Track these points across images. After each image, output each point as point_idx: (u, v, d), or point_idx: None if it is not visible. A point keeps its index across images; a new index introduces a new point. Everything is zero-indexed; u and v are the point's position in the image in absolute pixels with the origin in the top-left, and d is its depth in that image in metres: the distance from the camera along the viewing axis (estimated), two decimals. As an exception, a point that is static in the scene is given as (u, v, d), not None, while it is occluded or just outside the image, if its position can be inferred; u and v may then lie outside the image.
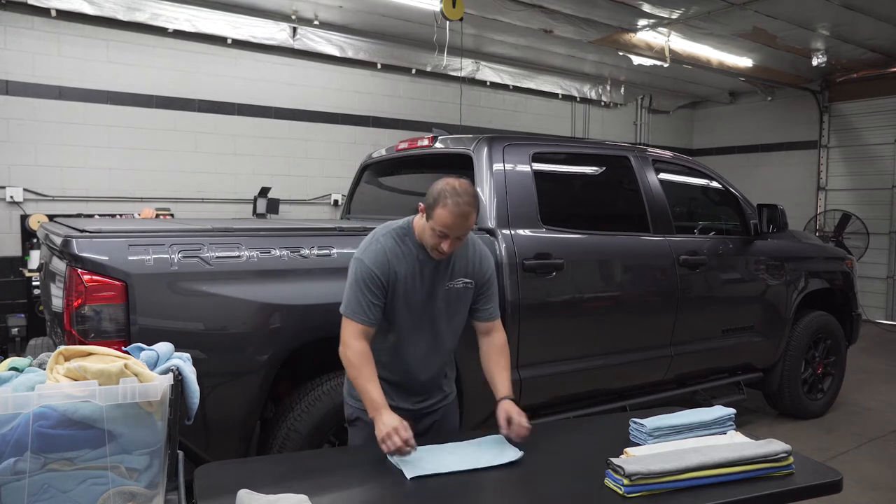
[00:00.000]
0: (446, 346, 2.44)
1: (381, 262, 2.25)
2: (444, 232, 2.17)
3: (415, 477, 1.95)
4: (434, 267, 2.31)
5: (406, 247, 2.30)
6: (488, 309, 2.45)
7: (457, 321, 2.43)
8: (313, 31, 7.26)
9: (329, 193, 7.79)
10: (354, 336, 2.24)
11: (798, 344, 4.79)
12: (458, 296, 2.38)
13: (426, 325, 2.36)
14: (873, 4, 6.62)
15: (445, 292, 2.34)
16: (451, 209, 2.15)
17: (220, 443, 2.70)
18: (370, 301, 2.23)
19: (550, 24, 7.09)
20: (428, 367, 2.41)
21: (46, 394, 1.27)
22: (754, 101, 10.83)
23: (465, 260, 2.38)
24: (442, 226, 2.16)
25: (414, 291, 2.30)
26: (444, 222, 2.16)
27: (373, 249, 2.28)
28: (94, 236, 2.51)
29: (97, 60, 6.35)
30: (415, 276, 2.29)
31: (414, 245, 2.31)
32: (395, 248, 2.28)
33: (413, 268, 2.29)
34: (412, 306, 2.31)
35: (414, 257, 2.29)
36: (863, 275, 8.41)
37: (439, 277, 2.33)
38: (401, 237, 2.31)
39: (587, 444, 2.28)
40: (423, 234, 2.26)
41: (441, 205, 2.16)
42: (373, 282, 2.24)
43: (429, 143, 3.94)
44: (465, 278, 2.37)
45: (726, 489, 1.82)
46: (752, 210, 4.58)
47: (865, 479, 3.99)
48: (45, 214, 5.98)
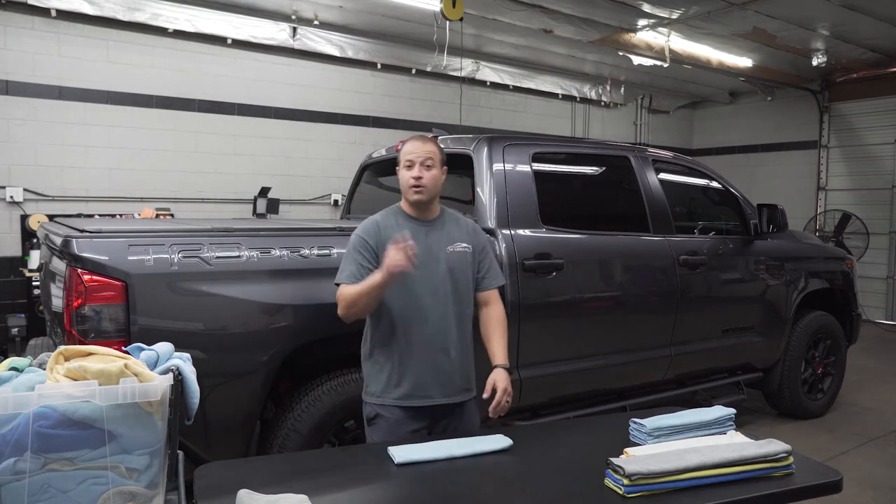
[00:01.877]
0: (459, 315, 2.49)
1: (370, 229, 2.45)
2: (409, 160, 2.43)
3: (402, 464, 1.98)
4: (427, 233, 2.47)
5: (397, 219, 2.49)
6: (487, 278, 2.59)
7: (464, 287, 2.51)
8: (313, 31, 7.26)
9: (329, 193, 7.79)
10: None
11: (798, 344, 4.79)
12: (461, 259, 2.51)
13: (438, 290, 2.45)
14: (873, 4, 6.62)
15: (447, 255, 2.48)
16: (410, 140, 2.50)
17: (220, 443, 2.70)
18: (360, 264, 2.39)
19: (550, 24, 7.09)
20: (444, 337, 2.46)
21: (46, 394, 1.27)
22: (754, 101, 10.84)
23: (459, 227, 2.57)
24: (407, 153, 2.44)
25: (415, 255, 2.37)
26: (408, 149, 2.45)
27: (364, 223, 2.50)
28: (94, 236, 2.51)
29: (97, 60, 6.35)
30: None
31: (404, 217, 2.50)
32: (385, 220, 2.48)
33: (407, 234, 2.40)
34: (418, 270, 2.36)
35: (406, 226, 2.45)
36: (863, 275, 8.41)
37: (438, 242, 2.48)
38: (390, 213, 2.53)
39: (587, 444, 2.28)
40: (402, 182, 2.46)
41: (401, 144, 2.54)
42: (362, 245, 2.42)
43: (429, 143, 3.94)
44: (463, 243, 2.53)
45: (726, 489, 1.82)
46: (752, 210, 4.58)
47: (865, 479, 4.00)
48: (45, 214, 5.98)
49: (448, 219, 2.56)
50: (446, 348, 2.47)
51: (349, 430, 2.98)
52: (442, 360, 2.46)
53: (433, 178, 2.45)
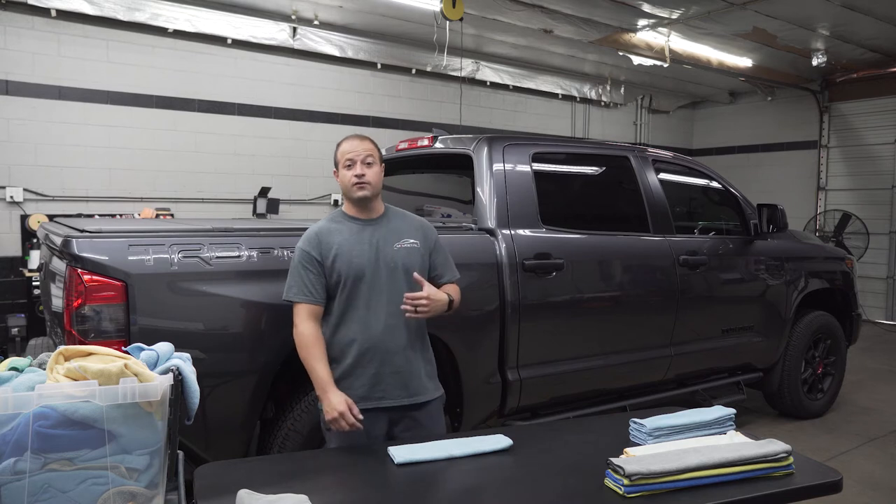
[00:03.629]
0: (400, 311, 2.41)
1: (311, 239, 2.44)
2: (349, 159, 2.43)
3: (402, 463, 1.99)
4: (374, 231, 2.47)
5: (338, 223, 2.49)
6: (444, 274, 2.59)
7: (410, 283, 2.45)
8: (313, 31, 7.26)
9: (329, 193, 7.79)
10: (303, 318, 2.38)
11: (798, 344, 4.79)
12: (409, 255, 2.48)
13: (384, 288, 2.43)
14: (873, 4, 6.63)
15: (394, 252, 2.46)
16: (346, 140, 2.50)
17: (220, 443, 2.70)
18: (308, 279, 2.39)
19: (550, 24, 7.09)
20: (397, 335, 2.43)
21: (46, 394, 1.27)
22: (754, 101, 10.84)
23: (405, 223, 2.56)
24: (344, 153, 2.45)
25: (356, 255, 2.42)
26: (345, 149, 2.46)
27: (305, 234, 2.48)
28: (94, 236, 2.50)
29: (97, 60, 6.35)
30: (354, 242, 2.43)
31: (347, 219, 2.50)
32: (326, 226, 2.48)
33: (351, 235, 2.45)
34: (360, 270, 2.40)
35: (350, 228, 2.46)
36: (863, 275, 8.42)
37: (384, 239, 2.47)
38: (333, 219, 2.52)
39: (587, 444, 2.28)
40: (342, 184, 2.47)
41: (339, 146, 2.50)
42: (306, 259, 2.41)
43: (429, 143, 3.94)
44: (411, 239, 2.51)
45: (726, 489, 1.82)
46: (752, 210, 4.58)
47: (865, 479, 3.99)
48: (45, 214, 5.98)
49: (393, 215, 2.56)
50: (400, 347, 2.44)
51: (349, 430, 2.97)
52: (396, 360, 2.42)
53: (375, 174, 2.45)
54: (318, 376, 2.31)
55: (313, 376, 2.33)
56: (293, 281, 2.41)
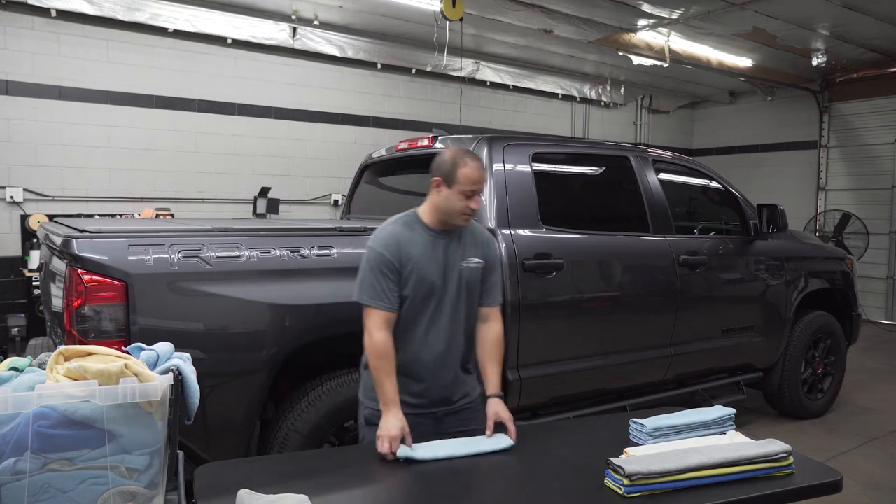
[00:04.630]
0: (464, 329, 2.45)
1: (391, 245, 2.32)
2: (472, 189, 2.30)
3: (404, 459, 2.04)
4: (446, 245, 2.38)
5: (415, 231, 2.36)
6: (490, 295, 2.51)
7: (474, 301, 2.46)
8: (313, 31, 7.26)
9: (329, 193, 7.79)
10: (377, 325, 2.29)
11: (798, 344, 4.79)
12: (473, 275, 2.43)
13: (448, 306, 2.38)
14: (873, 4, 6.62)
15: (461, 271, 2.40)
16: (473, 165, 2.31)
17: (220, 443, 2.70)
18: (386, 286, 2.30)
19: (550, 24, 7.09)
20: (452, 354, 2.42)
21: (46, 394, 1.27)
22: (754, 101, 10.83)
23: (475, 240, 2.47)
24: (470, 182, 2.29)
25: (430, 271, 2.34)
26: (471, 178, 2.29)
27: (381, 236, 2.36)
28: (94, 236, 2.50)
29: (97, 60, 6.35)
30: (428, 257, 2.35)
31: (423, 228, 2.38)
32: (403, 232, 2.35)
33: (426, 248, 2.35)
34: (431, 286, 2.35)
35: (425, 239, 2.36)
36: (863, 275, 8.41)
37: (453, 257, 2.39)
38: (408, 224, 2.38)
39: (587, 444, 2.28)
40: (448, 205, 2.32)
41: (462, 164, 2.29)
42: (385, 265, 2.30)
43: (429, 143, 3.94)
44: (477, 258, 2.44)
45: (726, 489, 1.82)
46: (752, 210, 4.58)
47: (865, 479, 3.99)
48: (45, 214, 5.98)
49: (465, 230, 2.45)
50: (452, 364, 2.43)
51: (349, 430, 2.97)
52: (446, 376, 2.42)
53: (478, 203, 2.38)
54: (386, 391, 2.26)
55: (381, 389, 2.27)
56: (370, 284, 2.30)
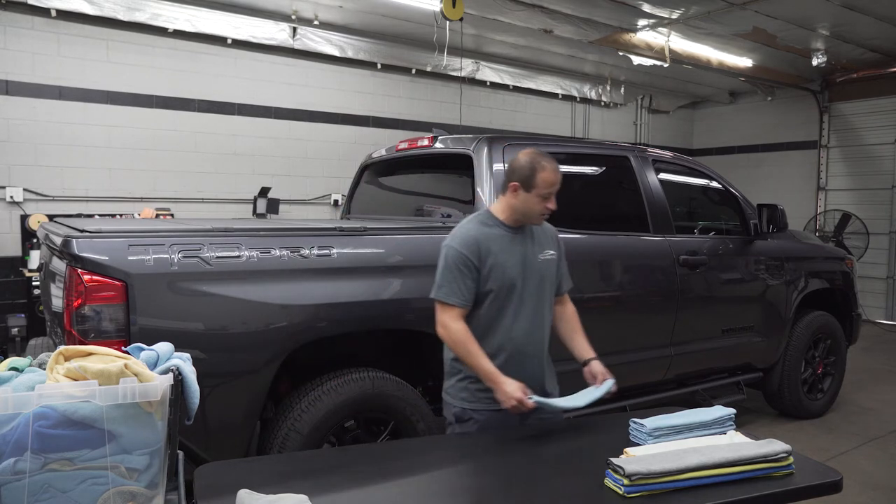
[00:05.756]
0: (546, 321, 2.56)
1: (470, 243, 2.40)
2: (550, 191, 2.40)
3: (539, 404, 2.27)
4: (522, 240, 2.48)
5: (492, 229, 2.46)
6: (564, 282, 2.67)
7: (550, 293, 2.57)
8: (313, 31, 7.26)
9: (329, 193, 7.79)
10: (453, 319, 2.39)
11: (798, 344, 4.79)
12: (549, 267, 2.54)
13: (529, 298, 2.47)
14: (873, 4, 6.63)
15: (539, 264, 2.50)
16: (551, 169, 2.40)
17: (220, 443, 2.70)
18: (465, 283, 2.38)
19: (550, 24, 7.09)
20: (536, 345, 2.52)
21: (46, 394, 1.27)
22: (754, 101, 10.84)
23: (544, 233, 2.58)
24: (549, 185, 2.39)
25: (510, 265, 2.43)
26: (551, 180, 2.39)
27: (460, 234, 2.45)
28: (94, 236, 2.50)
29: (97, 60, 6.35)
30: (507, 252, 2.44)
31: (499, 225, 2.47)
32: (482, 231, 2.44)
33: (504, 244, 2.44)
34: (512, 280, 2.43)
35: (502, 235, 2.45)
36: (863, 275, 8.42)
37: (530, 251, 2.49)
38: (484, 222, 2.48)
39: (587, 444, 2.28)
40: (526, 207, 2.42)
41: (541, 169, 2.39)
42: (464, 263, 2.38)
43: (429, 143, 3.94)
44: (550, 250, 2.55)
45: (726, 489, 1.82)
46: (752, 210, 4.58)
47: (865, 479, 4.00)
48: (45, 214, 5.98)
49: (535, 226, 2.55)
50: (536, 355, 2.51)
51: (349, 430, 2.98)
52: (531, 366, 2.49)
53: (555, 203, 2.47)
54: (486, 369, 2.35)
55: (480, 370, 2.36)
56: (448, 282, 2.38)
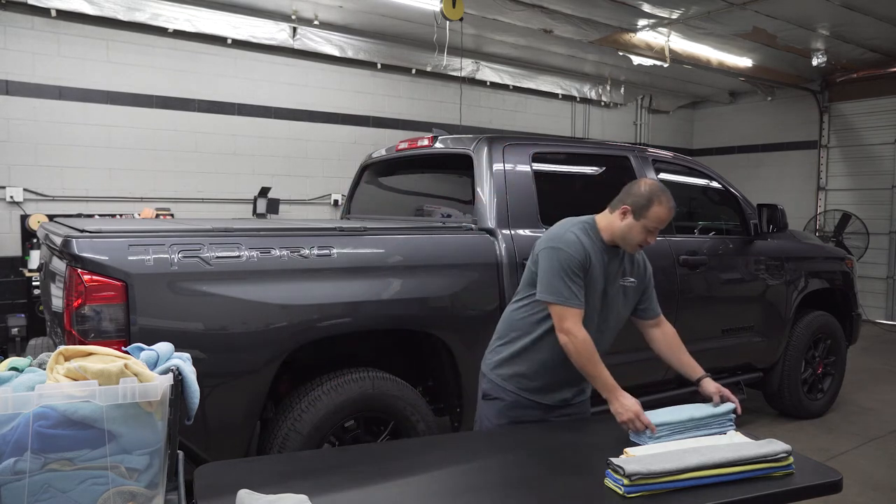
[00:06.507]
0: (607, 341, 2.58)
1: (581, 250, 2.41)
2: (657, 227, 2.41)
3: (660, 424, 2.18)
4: (612, 262, 2.49)
5: (592, 240, 2.46)
6: (653, 308, 2.66)
7: (621, 319, 2.60)
8: (313, 31, 7.26)
9: (329, 193, 7.79)
10: (576, 323, 2.36)
11: (798, 344, 4.79)
12: (626, 294, 2.55)
13: (598, 318, 2.48)
14: (873, 4, 6.63)
15: (618, 289, 2.52)
16: (667, 206, 2.40)
17: (220, 443, 2.70)
18: (578, 286, 2.38)
19: (550, 24, 7.09)
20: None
21: (46, 394, 1.27)
22: (754, 101, 10.84)
23: (634, 262, 2.58)
24: (659, 222, 2.40)
25: (596, 282, 2.45)
26: (662, 218, 2.40)
27: (570, 239, 2.43)
28: (94, 236, 2.50)
29: (97, 60, 6.36)
30: (600, 266, 2.45)
31: (599, 240, 2.47)
32: (586, 240, 2.45)
33: (600, 258, 2.46)
34: (592, 296, 2.44)
35: (600, 250, 2.46)
36: (863, 275, 8.42)
37: (615, 274, 2.50)
38: (586, 232, 2.48)
39: (587, 444, 2.28)
40: (628, 233, 2.43)
41: (657, 203, 2.38)
42: (578, 266, 2.39)
43: (429, 143, 3.94)
44: (633, 278, 2.56)
45: (726, 489, 1.82)
46: (752, 210, 4.58)
47: (865, 479, 3.99)
48: (45, 214, 5.98)
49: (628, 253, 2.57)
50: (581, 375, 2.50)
51: (349, 430, 2.98)
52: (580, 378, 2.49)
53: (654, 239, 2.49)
54: (606, 381, 2.35)
55: (599, 381, 2.36)
56: (563, 285, 2.36)
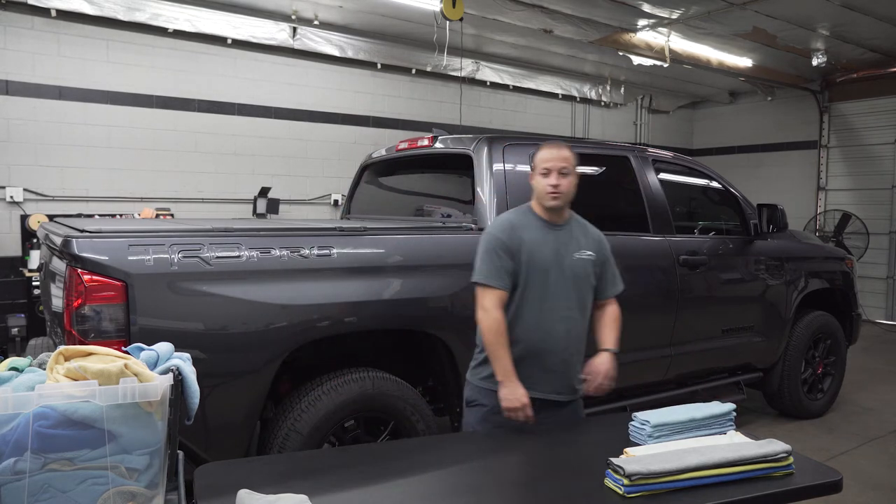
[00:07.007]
0: (576, 319, 2.57)
1: (506, 228, 2.53)
2: (546, 168, 2.49)
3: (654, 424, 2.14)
4: (557, 235, 2.55)
5: (528, 218, 2.56)
6: (607, 289, 2.68)
7: (583, 294, 2.59)
8: (313, 31, 7.26)
9: (329, 193, 7.79)
10: (492, 303, 2.46)
11: (798, 344, 4.79)
12: (584, 267, 2.57)
13: (559, 292, 2.52)
14: (873, 4, 6.62)
15: (573, 262, 2.54)
16: (545, 147, 2.55)
17: (220, 443, 2.70)
18: (502, 265, 2.47)
19: (550, 24, 7.09)
20: (559, 339, 2.54)
21: (46, 394, 1.27)
22: (754, 101, 10.83)
23: (586, 234, 2.63)
24: (544, 161, 2.50)
25: (542, 256, 2.50)
26: (544, 157, 2.51)
27: (497, 222, 2.60)
28: (94, 236, 2.50)
29: (97, 60, 6.35)
30: (540, 242, 2.51)
31: (534, 217, 2.57)
32: (518, 219, 2.56)
33: (538, 234, 2.52)
34: (543, 270, 2.50)
35: (537, 226, 2.54)
36: (863, 275, 8.42)
37: (566, 247, 2.55)
38: (521, 212, 2.60)
39: (587, 444, 2.28)
40: (536, 187, 2.54)
41: (538, 150, 2.56)
42: (500, 246, 2.48)
43: (429, 143, 3.94)
44: (588, 251, 2.59)
45: (726, 489, 1.82)
46: (752, 210, 4.58)
47: (865, 479, 3.99)
48: (45, 214, 5.98)
49: (576, 224, 2.63)
50: (559, 350, 2.55)
51: (349, 430, 2.97)
52: (551, 360, 2.54)
53: (569, 184, 2.51)
54: (503, 364, 2.43)
55: (498, 363, 2.44)
56: (485, 265, 2.48)
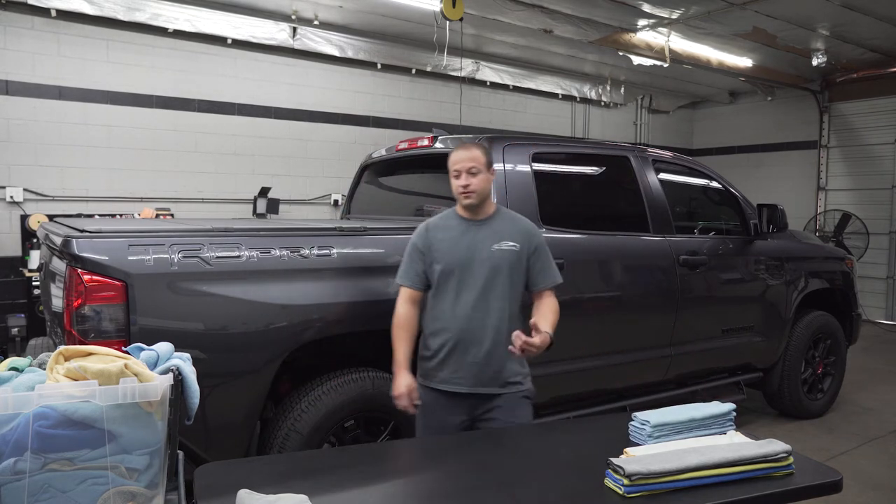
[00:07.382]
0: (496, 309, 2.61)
1: (420, 232, 2.70)
2: (456, 170, 2.61)
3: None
4: (476, 231, 2.65)
5: (447, 221, 2.70)
6: (540, 280, 2.70)
7: (506, 284, 2.61)
8: (313, 31, 7.26)
9: (329, 193, 7.79)
10: (402, 300, 2.67)
11: (798, 344, 4.79)
12: (505, 257, 2.62)
13: (474, 286, 2.60)
14: (873, 4, 6.63)
15: (490, 254, 2.61)
16: (456, 149, 2.65)
17: (220, 443, 2.70)
18: (412, 267, 2.66)
19: (550, 24, 7.09)
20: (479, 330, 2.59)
21: (46, 394, 1.27)
22: (754, 101, 10.84)
23: (512, 226, 2.69)
24: (453, 164, 2.62)
25: (454, 252, 2.62)
26: (453, 159, 2.62)
27: (419, 226, 2.73)
28: (94, 236, 2.50)
29: (97, 60, 6.36)
30: (455, 240, 2.63)
31: (455, 217, 2.70)
32: (436, 222, 2.72)
33: (454, 233, 2.65)
34: (453, 266, 2.61)
35: (454, 225, 2.67)
36: (863, 275, 8.42)
37: (484, 241, 2.63)
38: (444, 215, 2.75)
39: (587, 444, 2.28)
40: (454, 191, 2.64)
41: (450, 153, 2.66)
42: (413, 249, 2.68)
43: (429, 143, 3.94)
44: (511, 241, 2.64)
45: (726, 489, 1.81)
46: (752, 210, 4.58)
47: (865, 479, 4.00)
48: (45, 214, 5.98)
49: (501, 218, 2.70)
50: (480, 341, 2.59)
51: (349, 430, 2.98)
52: (473, 351, 2.60)
53: (480, 181, 2.60)
54: (396, 356, 2.60)
55: (395, 354, 2.60)
56: (402, 267, 2.70)
